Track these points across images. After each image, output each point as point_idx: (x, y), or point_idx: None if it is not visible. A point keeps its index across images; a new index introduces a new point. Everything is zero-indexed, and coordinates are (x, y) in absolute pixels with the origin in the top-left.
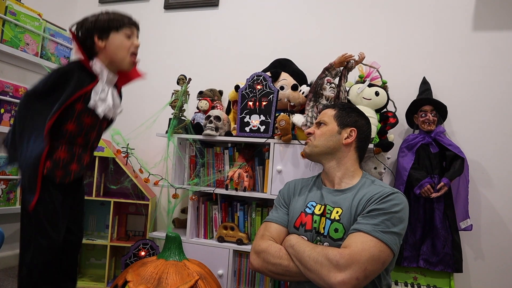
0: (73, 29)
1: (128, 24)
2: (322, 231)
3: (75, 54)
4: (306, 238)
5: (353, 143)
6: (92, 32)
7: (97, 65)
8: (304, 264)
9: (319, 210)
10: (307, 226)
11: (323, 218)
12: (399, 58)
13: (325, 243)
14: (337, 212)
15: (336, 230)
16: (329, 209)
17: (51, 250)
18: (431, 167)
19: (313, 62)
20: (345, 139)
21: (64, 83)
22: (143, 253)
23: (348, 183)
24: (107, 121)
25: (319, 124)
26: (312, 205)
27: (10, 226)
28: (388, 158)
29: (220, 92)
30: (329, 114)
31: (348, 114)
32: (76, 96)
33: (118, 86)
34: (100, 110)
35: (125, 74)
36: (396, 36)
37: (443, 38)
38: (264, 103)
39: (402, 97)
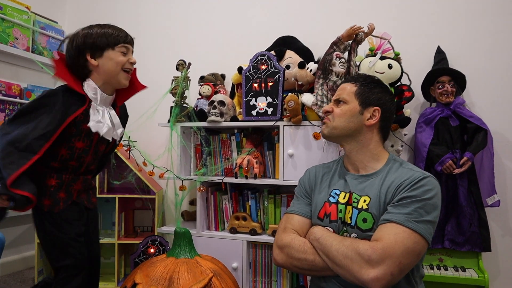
0: (62, 47)
1: (123, 41)
2: (349, 221)
3: (61, 75)
4: (331, 230)
5: (377, 123)
6: (84, 49)
7: (90, 86)
8: (332, 259)
9: (344, 198)
10: (332, 216)
11: (349, 207)
12: (411, 27)
13: (353, 234)
14: (365, 200)
15: (364, 220)
16: (355, 198)
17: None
18: (452, 142)
19: (319, 37)
20: (367, 120)
21: (46, 106)
22: (152, 250)
23: (373, 167)
24: (105, 144)
25: (338, 101)
26: (336, 193)
27: (14, 230)
28: (405, 135)
29: (223, 76)
30: (349, 91)
31: (371, 90)
32: (66, 123)
33: (117, 104)
34: (100, 130)
35: (123, 90)
36: (407, 4)
37: (457, 3)
38: (270, 83)
39: (416, 69)
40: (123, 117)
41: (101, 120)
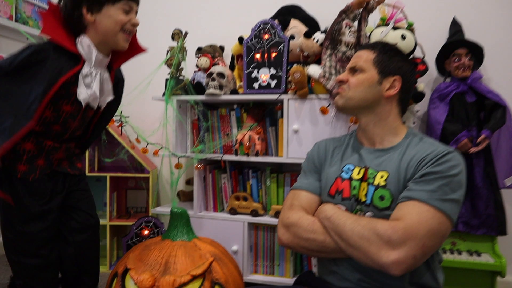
0: None
1: None
2: (363, 199)
3: (50, 32)
4: (343, 208)
5: (397, 95)
6: (81, 1)
7: (84, 43)
8: (346, 240)
9: (358, 174)
10: (345, 193)
11: (364, 184)
12: None
13: (368, 213)
14: (382, 176)
15: (381, 198)
16: (371, 173)
17: (43, 269)
18: (468, 119)
19: (325, 6)
20: (386, 90)
21: (36, 64)
22: (146, 232)
23: (391, 140)
24: (94, 110)
25: (353, 70)
26: (349, 168)
27: None
28: (417, 111)
29: (222, 48)
30: (366, 58)
31: (391, 58)
32: (58, 85)
33: (112, 67)
34: (82, 98)
35: (120, 52)
36: None
37: None
38: (273, 54)
39: (430, 41)
40: (120, 81)
41: (90, 84)
